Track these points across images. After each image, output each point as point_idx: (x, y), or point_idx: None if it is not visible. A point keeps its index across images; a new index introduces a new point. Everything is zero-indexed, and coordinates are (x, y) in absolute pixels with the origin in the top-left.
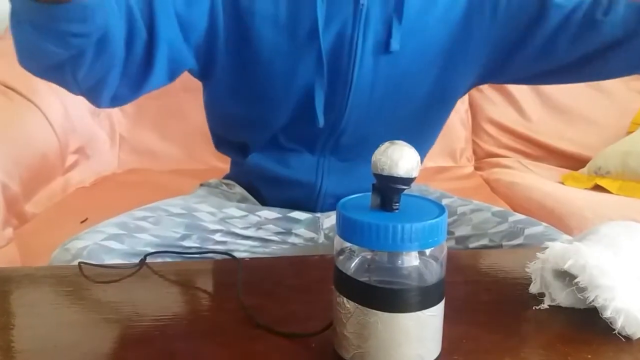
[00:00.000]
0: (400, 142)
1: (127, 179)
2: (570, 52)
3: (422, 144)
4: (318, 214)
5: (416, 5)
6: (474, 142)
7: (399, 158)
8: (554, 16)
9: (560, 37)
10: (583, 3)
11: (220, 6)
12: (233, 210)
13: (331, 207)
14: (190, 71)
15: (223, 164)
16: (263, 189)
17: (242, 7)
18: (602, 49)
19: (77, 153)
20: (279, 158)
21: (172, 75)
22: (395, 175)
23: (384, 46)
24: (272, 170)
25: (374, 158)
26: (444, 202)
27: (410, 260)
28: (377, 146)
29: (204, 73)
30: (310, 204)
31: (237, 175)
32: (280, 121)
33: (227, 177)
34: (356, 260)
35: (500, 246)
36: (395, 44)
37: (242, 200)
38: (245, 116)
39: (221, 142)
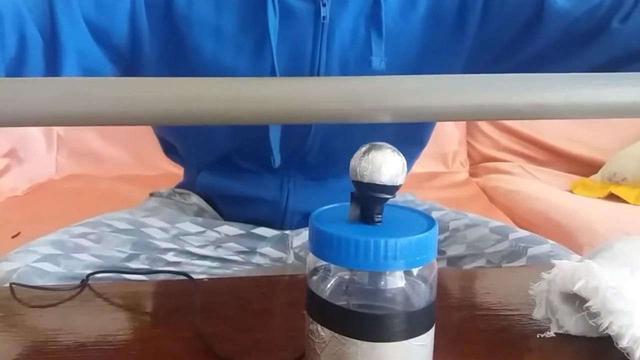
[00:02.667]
0: (383, 144)
1: (66, 186)
2: (575, 63)
3: (409, 149)
4: (287, 231)
5: (394, 11)
6: (468, 144)
7: (382, 163)
8: (555, 22)
9: (563, 46)
10: (599, 8)
11: (142, 11)
12: (188, 226)
13: (301, 224)
14: None
15: (177, 169)
16: (220, 205)
17: (175, 13)
18: (618, 60)
19: (7, 157)
20: (234, 176)
21: None
22: (377, 182)
23: (357, 64)
24: (227, 188)
25: (352, 163)
26: (434, 215)
27: (395, 281)
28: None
29: None
30: (276, 221)
31: (193, 183)
32: (229, 143)
33: (181, 185)
34: (332, 281)
35: (499, 268)
36: (377, 62)
37: (199, 213)
38: (186, 136)
39: (169, 149)
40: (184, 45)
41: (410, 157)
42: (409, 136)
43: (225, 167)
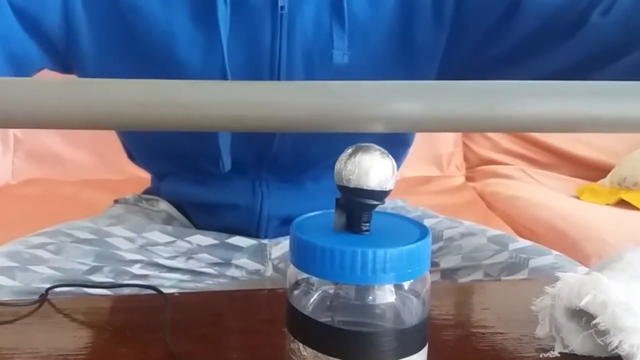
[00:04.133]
0: (371, 145)
1: (23, 191)
2: (554, 58)
3: (392, 150)
4: (264, 240)
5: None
6: (465, 145)
7: (370, 166)
8: (534, 10)
9: (542, 38)
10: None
11: (78, 1)
12: (156, 235)
13: (279, 232)
14: (54, 70)
15: (145, 173)
16: (190, 213)
17: (122, 5)
18: (594, 59)
19: None
20: (201, 182)
21: (19, 71)
22: (364, 187)
23: (323, 58)
24: (194, 195)
25: (337, 166)
26: (427, 223)
27: (384, 295)
28: (327, 162)
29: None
30: (251, 229)
31: (161, 188)
32: (187, 146)
33: (148, 190)
34: (315, 296)
35: (499, 281)
36: (339, 56)
37: (169, 220)
38: (137, 140)
39: (131, 153)
40: (132, 39)
41: (396, 159)
42: (393, 135)
43: (190, 172)
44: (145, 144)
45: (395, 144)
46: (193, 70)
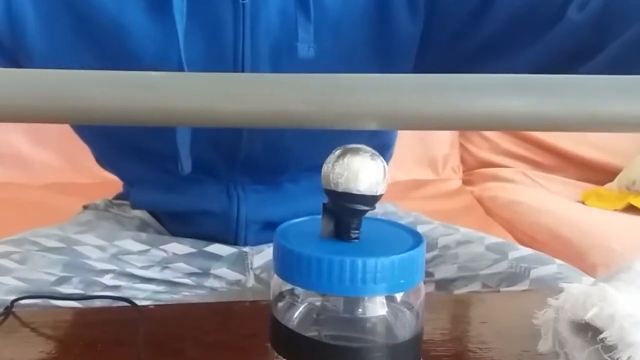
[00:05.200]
0: (361, 147)
1: None
2: (530, 53)
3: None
4: (245, 248)
5: None
6: (462, 146)
7: (360, 168)
8: (504, 8)
9: (520, 31)
10: None
11: None
12: (129, 243)
13: (261, 238)
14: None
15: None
16: (164, 220)
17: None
18: (566, 57)
19: None
20: (171, 187)
21: None
22: (353, 191)
23: (290, 51)
24: (166, 202)
25: (325, 169)
26: (420, 229)
27: (375, 308)
28: (306, 163)
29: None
30: (229, 236)
31: (131, 197)
32: (147, 146)
33: (120, 195)
34: (301, 309)
35: (498, 293)
36: (304, 49)
37: (142, 227)
38: (96, 139)
39: (98, 159)
40: (82, 30)
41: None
42: (373, 136)
43: (158, 177)
44: (103, 144)
45: (375, 145)
46: (148, 64)
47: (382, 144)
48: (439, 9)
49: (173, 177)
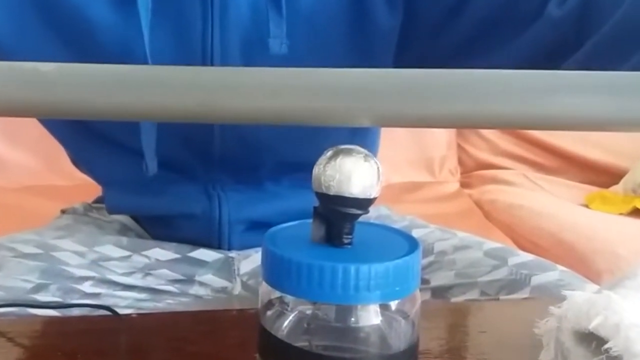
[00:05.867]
0: (353, 147)
1: None
2: (511, 49)
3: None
4: (232, 253)
5: None
6: (459, 147)
7: (352, 170)
8: (479, 6)
9: (500, 27)
10: None
11: None
12: (110, 249)
13: (246, 239)
14: None
15: None
16: (144, 224)
17: None
18: (545, 55)
19: None
20: (148, 189)
21: None
22: (346, 194)
23: (263, 46)
24: (144, 206)
25: (316, 171)
26: (415, 233)
27: (369, 317)
28: (286, 160)
29: None
30: (212, 239)
31: (107, 201)
32: (118, 139)
33: (100, 199)
34: (291, 317)
35: (497, 301)
36: (276, 45)
37: (123, 231)
38: (66, 128)
39: (73, 159)
40: (48, 23)
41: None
42: (353, 136)
43: (132, 177)
44: (71, 137)
45: (357, 144)
46: (114, 57)
47: (363, 143)
48: (417, 2)
49: (148, 178)
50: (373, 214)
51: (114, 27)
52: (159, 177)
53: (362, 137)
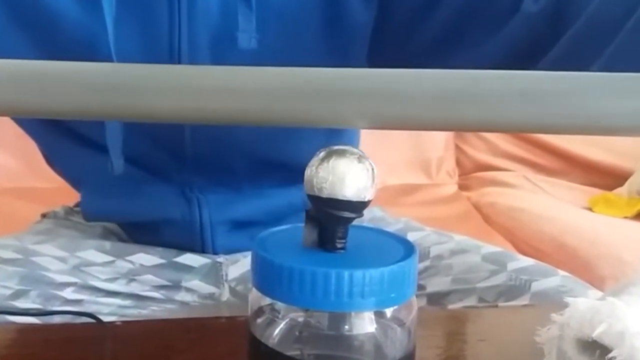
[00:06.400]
0: (347, 148)
1: None
2: (486, 48)
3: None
4: (219, 258)
5: None
6: (457, 148)
7: (346, 172)
8: (452, 3)
9: (476, 23)
10: None
11: None
12: (92, 254)
13: (231, 241)
14: None
15: None
16: (125, 229)
17: None
18: (520, 56)
19: None
20: (121, 192)
21: None
22: (340, 197)
23: (232, 41)
24: (120, 212)
25: (308, 172)
26: (411, 236)
27: (363, 325)
28: (261, 159)
29: None
30: (195, 244)
31: (82, 206)
32: (87, 135)
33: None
34: (282, 325)
35: (496, 308)
36: (245, 39)
37: (106, 236)
38: (34, 121)
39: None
40: (16, 18)
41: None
42: (330, 136)
43: (105, 179)
44: (40, 132)
45: (338, 136)
46: (79, 52)
47: (341, 142)
48: None
49: (122, 180)
50: (366, 216)
51: (78, 21)
52: (133, 178)
53: (339, 136)
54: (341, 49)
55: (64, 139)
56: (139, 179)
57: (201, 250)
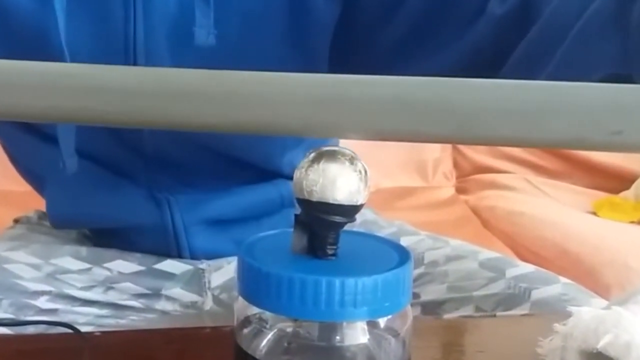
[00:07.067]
0: (338, 149)
1: None
2: (453, 50)
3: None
4: (201, 264)
5: None
6: (455, 149)
7: (337, 175)
8: (416, 2)
9: (441, 23)
10: None
11: None
12: (68, 261)
13: (210, 242)
14: None
15: None
16: (95, 237)
17: None
18: (484, 61)
19: None
20: (85, 194)
21: None
22: (330, 201)
23: (190, 38)
24: (87, 217)
25: (297, 175)
26: (405, 241)
27: (355, 335)
28: (226, 156)
29: None
30: (170, 249)
31: (47, 210)
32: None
33: None
34: (269, 336)
35: (494, 318)
36: (202, 35)
37: (81, 241)
38: None
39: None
40: None
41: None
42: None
43: (67, 180)
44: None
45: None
46: (32, 47)
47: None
48: None
49: (86, 181)
50: (358, 219)
51: (29, 12)
52: (97, 179)
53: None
54: (304, 47)
55: (21, 133)
56: (104, 181)
57: (178, 255)
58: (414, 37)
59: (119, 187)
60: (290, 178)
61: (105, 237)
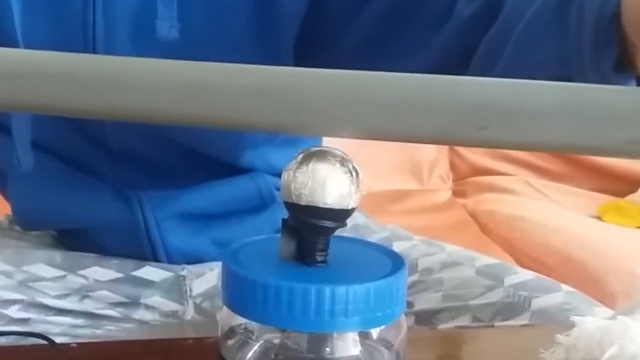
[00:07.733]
0: (329, 149)
1: None
2: (426, 54)
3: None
4: (182, 271)
5: None
6: (452, 150)
7: (327, 177)
8: (382, 2)
9: (399, 35)
10: None
11: None
12: (41, 268)
13: (189, 244)
14: None
15: None
16: (66, 240)
17: None
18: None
19: None
20: (51, 193)
21: None
22: (320, 205)
23: (152, 31)
24: (55, 217)
25: (285, 178)
26: (398, 247)
27: (347, 347)
28: (194, 151)
29: None
30: (144, 249)
31: (13, 211)
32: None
33: None
34: (256, 348)
35: (492, 328)
36: (165, 28)
37: (55, 246)
38: None
39: None
40: None
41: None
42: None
43: (32, 180)
44: None
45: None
46: None
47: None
48: None
49: (50, 179)
50: (348, 224)
51: None
52: (62, 176)
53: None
54: (269, 41)
55: None
56: (68, 177)
57: (153, 256)
58: (380, 37)
59: (84, 184)
60: (268, 173)
61: (76, 238)
